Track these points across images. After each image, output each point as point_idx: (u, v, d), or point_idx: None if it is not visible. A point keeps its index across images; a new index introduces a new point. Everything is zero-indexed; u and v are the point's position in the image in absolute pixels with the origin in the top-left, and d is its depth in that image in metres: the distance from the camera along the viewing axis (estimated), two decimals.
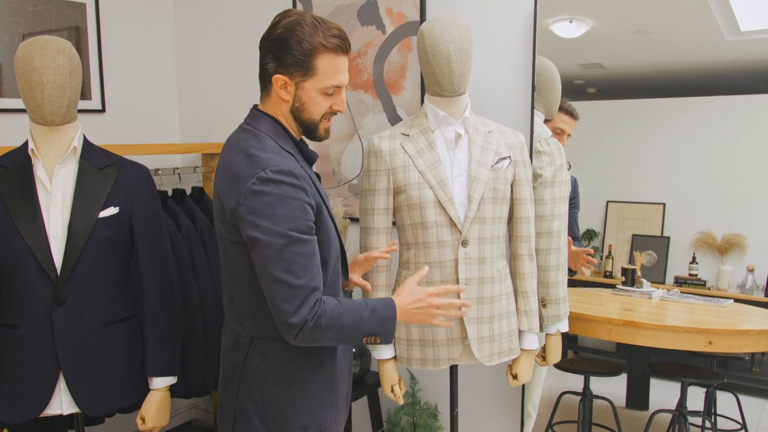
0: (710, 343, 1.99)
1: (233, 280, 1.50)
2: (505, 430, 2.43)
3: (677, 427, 2.11)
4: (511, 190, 1.93)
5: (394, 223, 1.95)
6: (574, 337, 2.32)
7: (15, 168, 1.77)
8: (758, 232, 1.99)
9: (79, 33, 2.80)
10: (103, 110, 2.91)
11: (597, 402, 2.25)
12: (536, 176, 2.09)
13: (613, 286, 2.22)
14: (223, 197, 1.43)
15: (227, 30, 3.02)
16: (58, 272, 1.74)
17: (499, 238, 1.91)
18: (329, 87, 1.45)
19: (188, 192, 2.81)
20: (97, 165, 1.82)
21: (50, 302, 1.75)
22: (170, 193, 2.67)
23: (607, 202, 2.23)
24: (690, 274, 2.10)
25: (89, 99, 2.85)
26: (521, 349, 1.99)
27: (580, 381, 2.27)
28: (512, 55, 2.26)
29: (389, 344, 1.50)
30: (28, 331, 1.76)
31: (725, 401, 2.07)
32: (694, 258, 2.09)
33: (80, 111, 1.84)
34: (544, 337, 2.10)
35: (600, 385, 2.25)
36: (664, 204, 2.13)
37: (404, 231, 1.91)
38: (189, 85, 3.21)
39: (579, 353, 2.34)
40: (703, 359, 2.10)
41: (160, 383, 1.91)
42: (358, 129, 2.63)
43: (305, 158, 1.54)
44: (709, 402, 2.09)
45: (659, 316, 2.08)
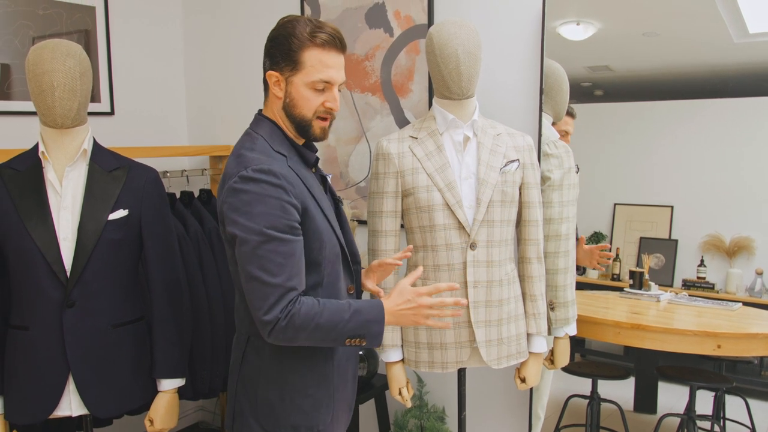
0: (719, 346, 1.98)
1: (234, 278, 1.52)
2: None
3: (686, 431, 2.10)
4: (520, 193, 1.93)
5: (402, 226, 1.95)
6: (581, 341, 2.31)
7: (26, 170, 1.78)
8: (767, 234, 1.99)
9: (88, 36, 2.82)
10: (112, 113, 2.92)
11: (605, 405, 2.25)
12: (544, 179, 2.08)
13: (621, 289, 2.21)
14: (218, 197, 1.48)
15: (235, 33, 3.04)
16: (68, 274, 1.75)
17: (507, 241, 1.91)
18: (317, 81, 1.46)
19: (196, 194, 2.81)
20: (107, 167, 1.83)
21: (60, 304, 1.75)
22: (178, 196, 2.68)
23: (615, 204, 2.22)
24: (698, 277, 2.09)
25: (98, 102, 2.87)
26: (529, 352, 1.99)
27: (588, 384, 2.26)
28: (520, 58, 2.26)
29: (378, 346, 1.46)
30: (37, 333, 1.76)
31: (734, 405, 2.06)
32: (702, 261, 2.08)
33: (89, 114, 1.85)
34: (552, 341, 2.10)
35: (608, 388, 2.24)
36: (672, 207, 2.13)
37: (412, 234, 1.91)
38: (197, 88, 3.22)
39: (587, 356, 2.33)
40: (712, 363, 2.10)
41: (169, 385, 1.92)
42: (365, 131, 2.64)
43: (303, 160, 1.54)
44: (718, 406, 2.08)
45: (667, 319, 2.08)
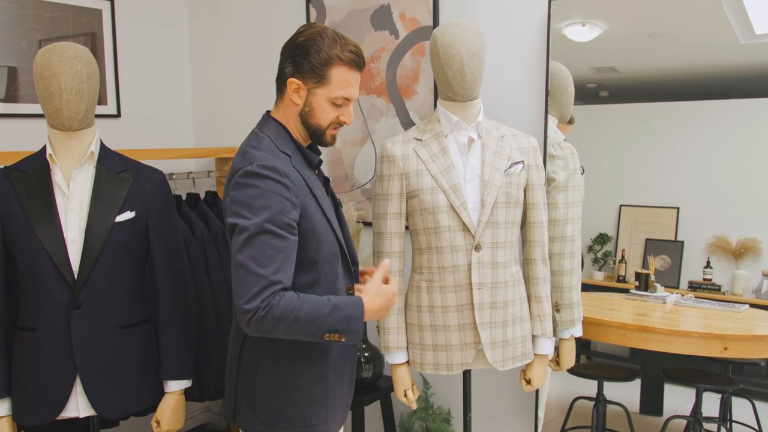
0: (725, 348, 1.98)
1: None
2: None
3: None
4: (525, 195, 1.93)
5: (407, 228, 1.95)
6: (587, 342, 2.31)
7: (33, 173, 1.79)
8: None
9: (94, 39, 2.84)
10: (118, 115, 2.94)
11: (611, 407, 2.24)
12: (549, 180, 2.08)
13: (627, 291, 2.21)
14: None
15: (241, 35, 3.05)
16: (75, 276, 1.76)
17: (512, 242, 1.91)
18: (339, 97, 1.54)
19: (202, 196, 2.83)
20: (114, 170, 1.84)
21: (67, 306, 1.76)
22: (184, 198, 2.69)
23: (620, 206, 2.22)
24: (704, 279, 2.08)
25: (105, 104, 2.88)
26: (535, 354, 1.98)
27: (594, 386, 2.26)
28: (525, 59, 2.26)
29: (356, 343, 1.52)
30: (45, 335, 1.77)
31: (741, 407, 2.05)
32: (708, 263, 2.08)
33: (96, 116, 1.86)
34: (558, 342, 2.10)
35: (614, 390, 2.24)
36: (678, 208, 2.12)
37: (417, 236, 1.92)
38: (203, 90, 3.23)
39: (592, 358, 2.33)
40: (718, 365, 2.09)
41: (175, 386, 1.93)
42: (371, 133, 2.64)
43: (306, 161, 1.60)
44: (725, 408, 2.07)
45: (673, 321, 2.07)
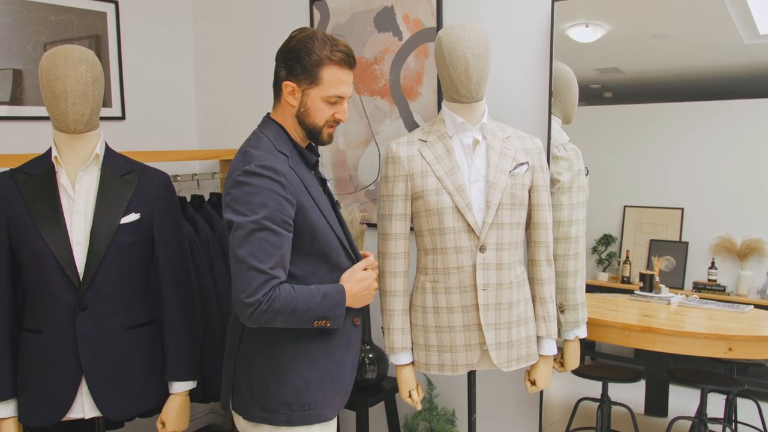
0: (730, 349, 1.97)
1: None
2: None
3: None
4: (529, 196, 1.93)
5: (411, 229, 1.96)
6: (591, 343, 2.30)
7: (39, 175, 1.80)
8: None
9: (99, 41, 2.85)
10: (123, 117, 2.94)
11: (615, 408, 2.24)
12: (554, 182, 2.08)
13: (631, 292, 2.20)
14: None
15: (245, 38, 3.05)
16: (81, 278, 1.77)
17: (516, 243, 1.91)
18: (332, 96, 1.61)
19: (206, 198, 2.83)
20: (119, 172, 1.85)
21: (72, 307, 1.77)
22: (189, 199, 2.70)
23: (625, 206, 2.21)
24: (709, 280, 2.08)
25: (110, 107, 2.89)
26: (539, 355, 1.99)
27: (598, 387, 2.25)
28: (529, 61, 2.26)
29: (339, 326, 1.63)
30: (50, 336, 1.78)
31: (746, 408, 2.04)
32: (713, 263, 2.07)
33: (101, 118, 1.87)
34: (562, 343, 2.09)
35: (618, 391, 2.23)
36: (682, 209, 2.12)
37: (422, 237, 1.92)
38: (207, 92, 3.24)
39: (597, 359, 2.32)
40: (723, 366, 2.08)
41: (180, 387, 1.93)
42: (374, 135, 2.65)
43: (304, 161, 1.66)
44: (730, 409, 2.07)
45: (678, 322, 2.07)
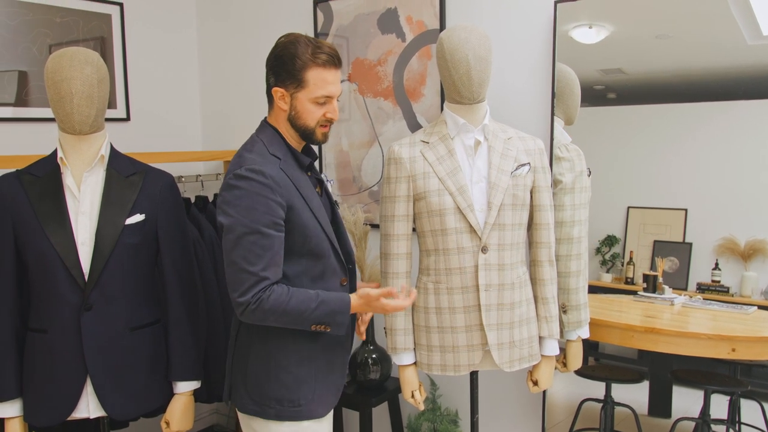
0: (734, 350, 1.97)
1: None
2: None
3: None
4: (531, 197, 1.93)
5: (414, 230, 1.96)
6: (595, 344, 2.30)
7: (44, 176, 1.81)
8: None
9: (104, 43, 2.86)
10: (127, 119, 2.96)
11: (619, 409, 2.24)
12: (556, 182, 2.09)
13: (635, 293, 2.20)
14: None
15: (249, 38, 3.07)
16: (86, 278, 1.78)
17: (519, 244, 1.91)
18: (320, 97, 1.63)
19: (210, 199, 2.84)
20: (124, 173, 1.86)
21: (78, 307, 1.78)
22: (193, 200, 2.71)
23: (628, 207, 2.21)
24: (713, 281, 2.08)
25: (114, 108, 2.91)
26: (542, 355, 1.99)
27: (602, 388, 2.25)
28: (532, 62, 2.26)
29: (343, 334, 1.65)
30: (56, 336, 1.79)
31: (749, 409, 2.04)
32: (716, 264, 2.07)
33: (106, 120, 1.88)
34: (565, 343, 2.10)
35: (622, 392, 2.23)
36: (686, 210, 2.12)
37: (424, 237, 1.93)
38: (212, 94, 3.25)
39: (600, 360, 2.32)
40: (727, 366, 2.08)
41: (185, 387, 1.94)
42: (378, 136, 2.65)
43: (297, 163, 1.69)
44: (733, 410, 2.07)
45: (682, 322, 2.07)
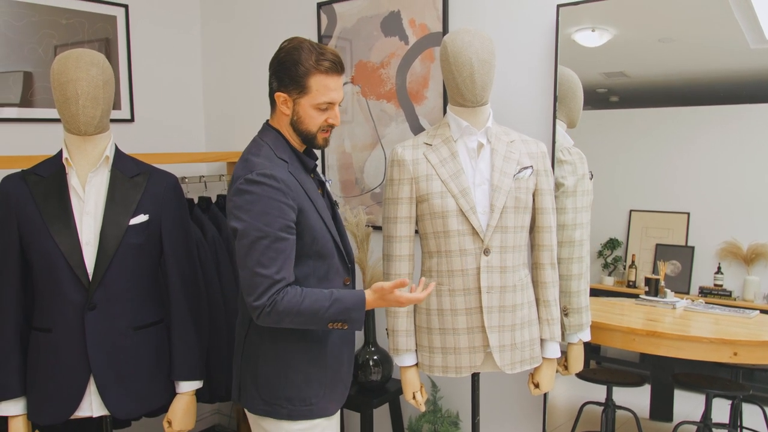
0: (736, 354, 1.97)
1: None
2: None
3: None
4: (533, 200, 1.94)
5: (416, 232, 1.97)
6: (596, 347, 2.30)
7: (50, 176, 1.82)
8: None
9: (109, 44, 2.88)
10: (132, 120, 2.97)
11: (620, 413, 2.24)
12: (558, 185, 2.09)
13: (637, 296, 2.21)
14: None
15: (253, 40, 3.08)
16: (90, 278, 1.79)
17: (521, 246, 1.92)
18: (322, 103, 1.64)
19: (213, 200, 2.86)
20: (128, 173, 1.87)
21: (82, 307, 1.79)
22: (196, 201, 2.72)
23: (630, 211, 2.21)
24: (715, 285, 2.08)
25: (119, 109, 2.92)
26: (543, 357, 1.99)
27: (603, 391, 2.25)
28: (535, 65, 2.27)
29: (360, 330, 1.64)
30: (60, 335, 1.80)
31: (751, 413, 2.04)
32: (719, 268, 2.07)
33: (111, 121, 1.90)
34: (567, 346, 2.10)
35: (623, 395, 2.23)
36: (688, 213, 2.12)
37: (427, 239, 1.93)
38: (215, 95, 3.27)
39: (602, 363, 2.33)
40: (729, 370, 2.08)
41: (187, 387, 1.95)
42: (380, 138, 2.66)
43: (303, 166, 1.71)
44: (735, 414, 2.06)
45: (683, 326, 2.07)
